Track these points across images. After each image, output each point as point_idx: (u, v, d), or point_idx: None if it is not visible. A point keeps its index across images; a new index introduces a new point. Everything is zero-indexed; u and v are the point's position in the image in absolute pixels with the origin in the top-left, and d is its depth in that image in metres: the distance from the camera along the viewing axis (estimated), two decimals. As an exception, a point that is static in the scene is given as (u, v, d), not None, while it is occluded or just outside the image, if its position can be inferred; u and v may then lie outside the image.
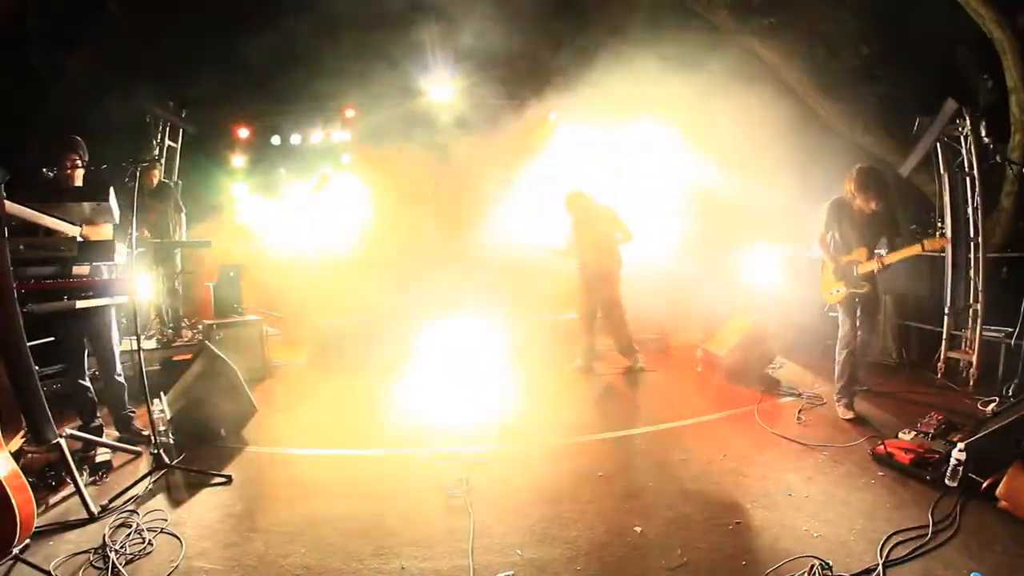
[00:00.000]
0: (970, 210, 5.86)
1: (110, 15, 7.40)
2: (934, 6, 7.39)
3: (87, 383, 4.42)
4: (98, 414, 4.53)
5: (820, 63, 7.86)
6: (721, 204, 7.85)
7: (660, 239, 7.43)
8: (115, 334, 4.57)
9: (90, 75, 7.38)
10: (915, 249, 4.73)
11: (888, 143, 7.26)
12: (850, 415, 4.87)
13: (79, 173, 4.29)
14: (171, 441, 4.35)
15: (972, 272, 5.84)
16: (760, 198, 7.27)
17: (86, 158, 4.30)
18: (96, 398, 4.50)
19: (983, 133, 5.47)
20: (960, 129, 5.80)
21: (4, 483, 2.82)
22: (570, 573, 2.88)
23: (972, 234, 5.85)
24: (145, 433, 4.50)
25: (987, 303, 5.67)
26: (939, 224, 6.17)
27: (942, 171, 6.07)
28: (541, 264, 7.07)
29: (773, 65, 7.76)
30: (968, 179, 5.85)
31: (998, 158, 5.62)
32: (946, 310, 5.99)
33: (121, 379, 4.63)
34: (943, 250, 5.93)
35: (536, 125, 8.97)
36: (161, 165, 7.57)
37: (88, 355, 4.50)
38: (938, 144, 6.04)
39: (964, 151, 5.82)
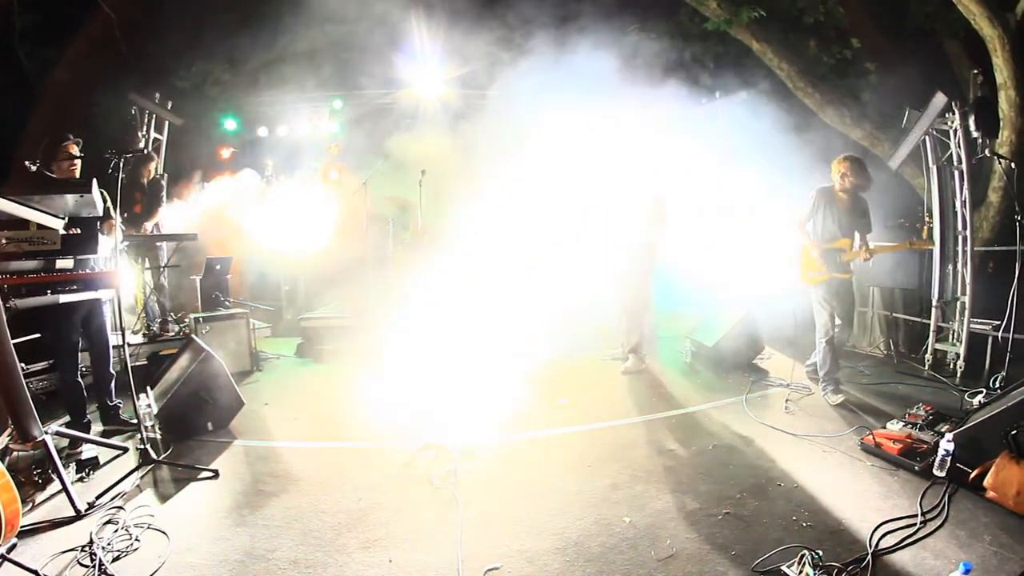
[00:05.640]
0: (958, 204, 5.91)
1: (98, 8, 7.33)
2: (925, 0, 7.42)
3: (80, 380, 4.39)
4: (87, 411, 4.49)
5: (810, 55, 7.88)
6: (711, 195, 7.85)
7: (650, 231, 7.41)
8: (109, 328, 4.55)
9: (77, 68, 7.30)
10: (903, 246, 5.48)
11: (877, 136, 7.28)
12: (839, 399, 4.98)
13: (78, 165, 4.27)
14: (157, 436, 4.31)
15: (960, 265, 5.89)
16: (748, 189, 7.28)
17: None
18: (86, 394, 4.46)
19: (972, 127, 5.49)
20: (949, 123, 5.83)
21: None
22: (559, 564, 2.87)
23: (960, 228, 5.90)
24: (133, 421, 4.45)
25: (974, 296, 5.74)
26: (927, 218, 6.21)
27: (931, 164, 6.10)
28: (529, 258, 7.04)
29: (764, 56, 7.76)
30: (957, 173, 5.89)
31: (987, 153, 5.65)
32: (934, 303, 6.05)
33: (112, 373, 4.63)
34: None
35: (522, 119, 8.91)
36: (158, 159, 7.44)
37: (80, 350, 4.46)
38: (927, 138, 6.07)
39: (953, 145, 5.85)
